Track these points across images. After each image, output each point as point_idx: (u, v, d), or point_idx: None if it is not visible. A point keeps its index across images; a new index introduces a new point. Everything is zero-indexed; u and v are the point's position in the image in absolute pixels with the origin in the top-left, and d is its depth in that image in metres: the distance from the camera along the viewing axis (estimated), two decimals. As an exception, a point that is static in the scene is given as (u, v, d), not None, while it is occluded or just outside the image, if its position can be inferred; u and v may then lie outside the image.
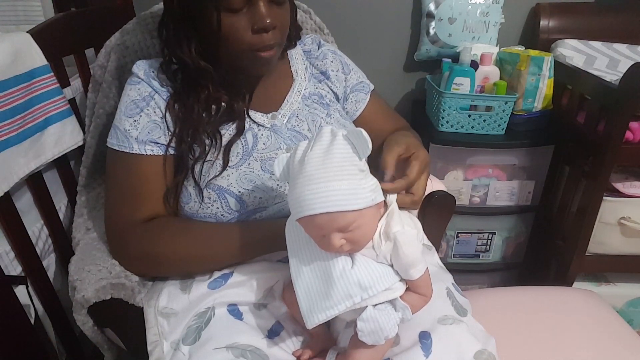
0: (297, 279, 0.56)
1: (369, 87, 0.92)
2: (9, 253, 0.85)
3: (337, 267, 0.53)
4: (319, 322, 0.54)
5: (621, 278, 1.27)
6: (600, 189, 1.08)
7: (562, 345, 0.79)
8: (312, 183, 0.50)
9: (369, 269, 0.53)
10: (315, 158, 0.51)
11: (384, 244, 0.53)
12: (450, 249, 1.40)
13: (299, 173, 0.51)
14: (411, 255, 0.53)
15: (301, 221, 0.52)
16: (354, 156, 0.51)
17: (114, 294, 0.67)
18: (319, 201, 0.49)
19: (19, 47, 0.83)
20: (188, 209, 0.72)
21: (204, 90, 0.72)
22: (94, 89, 0.91)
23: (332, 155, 0.50)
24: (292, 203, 0.52)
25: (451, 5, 1.31)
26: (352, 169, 0.51)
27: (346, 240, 0.51)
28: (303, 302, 0.55)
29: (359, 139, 0.51)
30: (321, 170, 0.50)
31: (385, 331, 0.53)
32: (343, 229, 0.50)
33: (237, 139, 0.73)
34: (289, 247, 0.58)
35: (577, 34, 1.33)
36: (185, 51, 0.70)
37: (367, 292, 0.52)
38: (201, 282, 0.68)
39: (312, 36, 0.92)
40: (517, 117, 1.23)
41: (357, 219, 0.51)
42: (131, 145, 0.71)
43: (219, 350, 0.57)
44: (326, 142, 0.52)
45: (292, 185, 0.52)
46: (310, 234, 0.54)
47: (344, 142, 0.52)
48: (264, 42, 0.67)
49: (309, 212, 0.50)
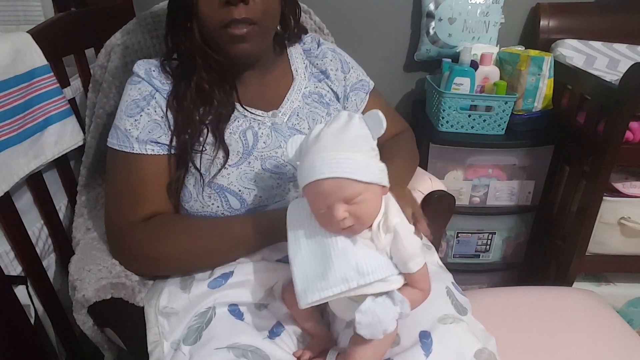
0: (295, 257, 0.55)
1: (368, 85, 0.92)
2: (9, 253, 0.85)
3: (336, 247, 0.53)
4: (312, 302, 0.53)
5: (621, 278, 1.27)
6: (600, 189, 1.08)
7: (562, 345, 0.79)
8: (325, 151, 0.52)
9: (369, 255, 0.53)
10: (331, 132, 0.54)
11: (383, 235, 0.54)
12: (450, 249, 1.40)
13: (313, 145, 0.53)
14: (411, 246, 0.53)
15: (309, 187, 0.53)
16: (368, 135, 0.55)
17: (114, 293, 0.67)
18: (329, 166, 0.51)
19: (19, 47, 0.83)
20: (188, 207, 0.72)
21: (193, 76, 0.72)
22: (94, 89, 0.91)
23: (348, 130, 0.53)
24: (302, 171, 0.53)
25: (451, 5, 1.31)
26: (365, 145, 0.54)
27: (349, 213, 0.52)
28: (298, 281, 0.54)
29: (375, 118, 0.54)
30: (336, 141, 0.52)
31: (383, 324, 0.53)
32: (348, 200, 0.51)
33: (224, 126, 0.73)
34: (289, 225, 0.58)
35: (577, 34, 1.33)
36: (180, 38, 0.70)
37: (364, 278, 0.52)
38: (201, 282, 0.68)
39: (312, 35, 0.91)
40: (517, 117, 1.23)
41: (364, 192, 0.51)
42: (132, 145, 0.71)
43: (220, 350, 0.57)
44: (343, 121, 0.55)
45: (305, 156, 0.54)
46: (314, 206, 0.54)
47: (360, 122, 0.55)
48: (231, 15, 0.65)
49: (318, 176, 0.51)
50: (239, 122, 0.75)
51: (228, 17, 0.65)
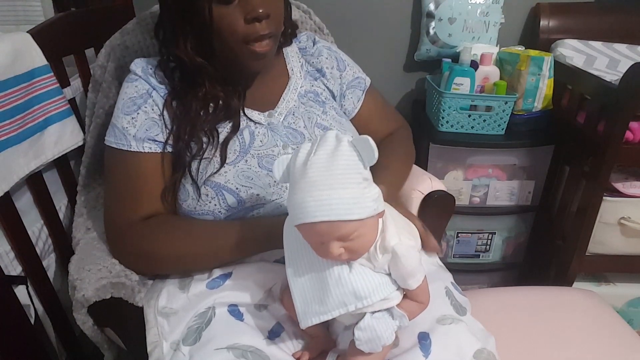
0: (293, 282, 0.56)
1: (365, 83, 0.92)
2: (9, 253, 0.85)
3: (333, 275, 0.53)
4: (312, 324, 0.54)
5: (621, 278, 1.27)
6: (600, 189, 1.08)
7: (562, 345, 0.79)
8: (315, 190, 0.48)
9: (365, 279, 0.53)
10: (319, 163, 0.49)
11: (380, 256, 0.53)
12: (450, 249, 1.40)
13: (301, 177, 0.49)
14: (410, 266, 0.52)
15: (300, 227, 0.51)
16: (358, 164, 0.50)
17: (114, 293, 0.67)
18: (321, 209, 0.48)
19: (19, 47, 0.83)
20: (186, 206, 0.72)
21: (202, 88, 0.72)
22: (94, 89, 0.91)
23: (337, 161, 0.49)
24: (292, 208, 0.50)
25: (451, 5, 1.31)
26: (356, 177, 0.49)
27: (345, 249, 0.50)
28: (299, 303, 0.55)
29: (366, 146, 0.49)
30: (325, 176, 0.48)
31: (382, 339, 0.53)
32: (343, 238, 0.50)
33: (232, 135, 0.73)
34: (286, 250, 0.57)
35: (577, 34, 1.33)
36: (182, 48, 0.69)
37: (362, 302, 0.52)
38: (200, 282, 0.68)
39: (307, 33, 0.91)
40: (517, 117, 1.23)
41: (359, 228, 0.49)
42: (129, 143, 0.71)
43: (219, 350, 0.57)
44: (331, 146, 0.50)
45: (293, 190, 0.50)
46: (308, 241, 0.53)
47: (349, 149, 0.50)
48: (257, 32, 0.66)
49: (310, 219, 0.48)
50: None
51: (254, 33, 0.66)
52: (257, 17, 0.65)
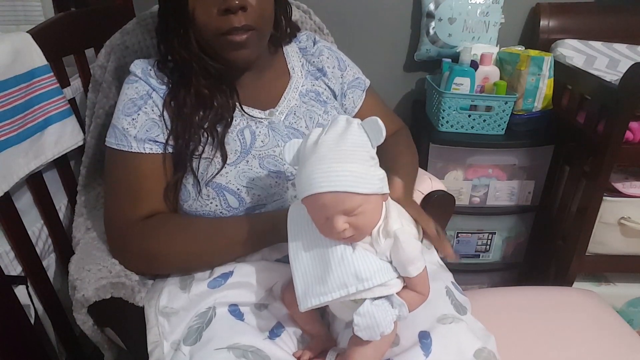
0: (295, 261, 0.56)
1: (364, 83, 0.92)
2: (9, 253, 0.85)
3: (336, 254, 0.54)
4: (312, 306, 0.54)
5: (621, 278, 1.27)
6: (600, 189, 1.08)
7: (562, 345, 0.79)
8: (324, 163, 0.50)
9: (367, 261, 0.54)
10: (329, 141, 0.52)
11: (383, 241, 0.54)
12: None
13: (311, 154, 0.52)
14: (411, 252, 0.53)
15: (307, 200, 0.52)
16: (367, 143, 0.53)
17: (114, 293, 0.67)
18: (328, 180, 0.50)
19: (19, 47, 0.83)
20: (187, 206, 0.72)
21: (192, 84, 0.72)
22: (94, 89, 0.91)
23: (346, 139, 0.52)
24: (300, 182, 0.52)
25: (451, 5, 1.31)
26: (364, 155, 0.52)
27: (349, 224, 0.51)
28: (299, 285, 0.55)
29: (374, 127, 0.52)
30: (334, 151, 0.51)
31: (381, 327, 0.53)
32: (348, 212, 0.51)
33: (226, 130, 0.73)
34: (290, 230, 0.58)
35: (577, 34, 1.33)
36: (170, 44, 0.70)
37: (363, 283, 0.52)
38: (201, 281, 0.68)
39: (307, 33, 0.91)
40: (517, 117, 1.23)
41: (363, 204, 0.51)
42: (130, 144, 0.71)
43: (220, 350, 0.57)
44: (341, 127, 0.53)
45: (302, 165, 0.53)
46: (314, 217, 0.54)
47: (358, 130, 0.53)
48: (231, 23, 0.65)
49: (317, 189, 0.50)
50: (237, 121, 0.75)
51: (227, 25, 0.65)
52: (229, 8, 0.64)
